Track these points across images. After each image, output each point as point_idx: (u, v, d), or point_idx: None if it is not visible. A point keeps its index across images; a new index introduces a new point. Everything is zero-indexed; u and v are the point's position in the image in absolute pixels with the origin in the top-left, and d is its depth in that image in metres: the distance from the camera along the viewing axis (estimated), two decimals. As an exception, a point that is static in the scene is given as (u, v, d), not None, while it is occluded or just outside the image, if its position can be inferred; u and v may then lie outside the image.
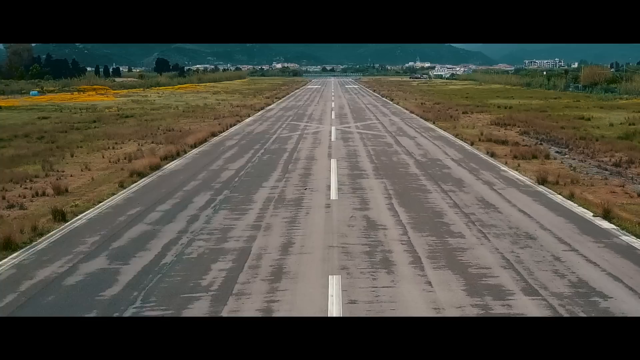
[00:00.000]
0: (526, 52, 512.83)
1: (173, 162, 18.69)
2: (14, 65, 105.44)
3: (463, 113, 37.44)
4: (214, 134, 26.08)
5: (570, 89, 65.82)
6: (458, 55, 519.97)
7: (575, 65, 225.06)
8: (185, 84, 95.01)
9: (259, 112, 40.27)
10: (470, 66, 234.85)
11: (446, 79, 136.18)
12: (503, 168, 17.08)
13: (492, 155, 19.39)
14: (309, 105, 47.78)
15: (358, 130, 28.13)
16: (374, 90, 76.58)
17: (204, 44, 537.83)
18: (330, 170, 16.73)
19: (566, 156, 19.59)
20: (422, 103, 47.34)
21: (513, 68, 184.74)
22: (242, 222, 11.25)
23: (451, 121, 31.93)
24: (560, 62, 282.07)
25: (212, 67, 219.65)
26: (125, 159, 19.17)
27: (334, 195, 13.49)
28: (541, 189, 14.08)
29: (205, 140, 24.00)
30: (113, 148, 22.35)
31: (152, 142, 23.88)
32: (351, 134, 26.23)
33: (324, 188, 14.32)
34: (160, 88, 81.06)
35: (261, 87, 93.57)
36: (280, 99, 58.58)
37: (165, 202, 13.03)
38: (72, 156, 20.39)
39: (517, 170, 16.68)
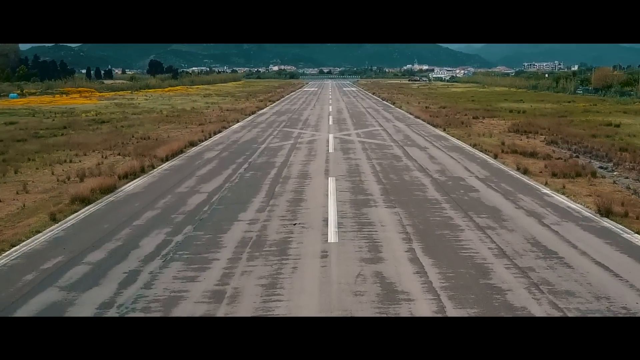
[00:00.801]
0: (524, 55, 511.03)
1: (134, 181, 15.14)
2: (0, 66, 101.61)
3: (474, 118, 34.00)
4: (192, 144, 22.52)
5: (579, 92, 62.55)
6: (456, 58, 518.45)
7: (575, 67, 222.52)
8: (176, 86, 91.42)
9: (249, 117, 36.73)
10: (469, 69, 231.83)
11: (446, 81, 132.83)
12: (545, 190, 13.59)
13: (525, 172, 15.91)
14: (304, 109, 44.26)
15: (359, 138, 24.63)
16: (374, 93, 73.08)
17: (201, 47, 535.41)
18: (327, 195, 13.20)
19: (614, 173, 16.12)
20: (426, 107, 43.89)
21: (514, 71, 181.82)
22: (198, 285, 7.70)
23: (463, 128, 28.46)
24: (559, 64, 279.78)
25: (207, 69, 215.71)
26: (77, 177, 15.64)
27: (332, 235, 9.97)
28: (608, 224, 10.58)
29: (180, 152, 20.45)
30: (71, 161, 18.82)
31: (119, 154, 20.33)
32: (352, 144, 22.72)
33: (319, 223, 10.79)
34: (149, 90, 77.44)
35: (255, 89, 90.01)
36: (274, 102, 55.05)
37: (101, 246, 9.48)
38: (15, 172, 16.85)
39: (563, 193, 13.20)
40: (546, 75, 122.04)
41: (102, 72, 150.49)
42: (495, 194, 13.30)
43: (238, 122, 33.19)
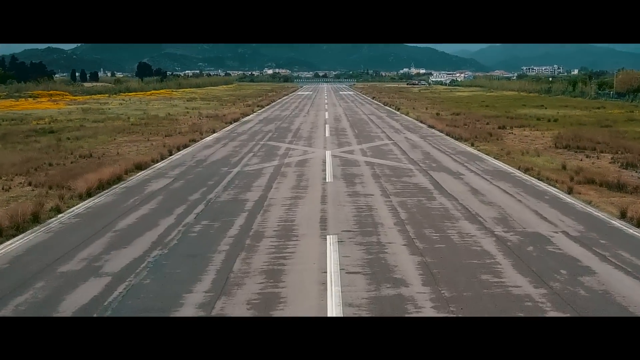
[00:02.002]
0: (519, 59, 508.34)
1: (6, 244, 9.13)
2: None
3: (499, 128, 28.17)
4: (140, 166, 16.52)
5: (599, 96, 57.00)
6: (451, 62, 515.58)
7: (576, 72, 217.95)
8: (162, 89, 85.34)
9: (230, 126, 30.71)
10: (467, 72, 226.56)
11: (447, 85, 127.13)
12: None
13: (640, 223, 10.03)
14: (296, 116, 38.27)
15: (366, 157, 18.71)
16: (373, 98, 67.19)
17: (195, 51, 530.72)
18: (325, 283, 7.24)
19: None
20: (437, 113, 38.04)
21: (514, 75, 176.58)
22: None
23: (494, 141, 22.64)
24: (559, 68, 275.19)
25: (197, 72, 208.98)
26: None
27: None
28: None
29: (116, 180, 14.43)
30: (-52, 197, 12.83)
31: (30, 184, 14.31)
32: (357, 167, 16.79)
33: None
34: (129, 94, 71.28)
35: (246, 93, 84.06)
36: (263, 107, 49.06)
37: None
38: None
39: None
40: (550, 79, 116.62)
41: (88, 74, 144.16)
42: (628, 280, 7.38)
43: (214, 132, 27.18)
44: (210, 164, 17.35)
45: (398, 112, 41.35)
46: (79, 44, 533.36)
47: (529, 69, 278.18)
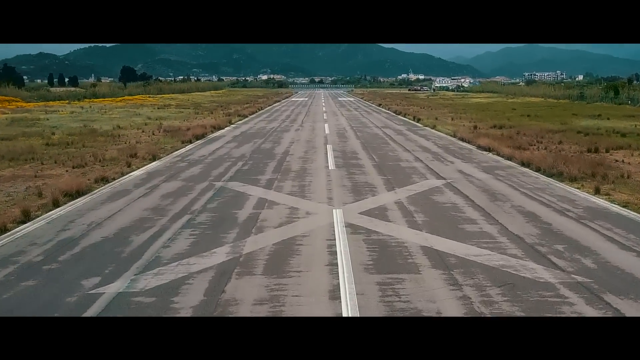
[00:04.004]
0: (517, 66, 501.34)
1: None
2: None
3: (589, 152, 18.63)
4: None
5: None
6: (448, 68, 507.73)
7: (580, 77, 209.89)
8: (138, 94, 75.56)
9: (186, 147, 20.89)
10: (469, 78, 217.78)
11: (455, 91, 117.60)
12: None
13: None
14: (285, 131, 28.51)
15: (418, 232, 9.00)
16: (379, 105, 57.44)
17: (189, 56, 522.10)
18: None
19: None
20: (475, 126, 28.41)
21: (519, 80, 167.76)
22: None
23: (623, 182, 13.07)
24: (561, 74, 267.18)
25: (185, 77, 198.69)
26: None
27: None
28: None
29: None
30: None
31: None
32: (413, 274, 7.08)
33: None
34: (95, 100, 61.39)
35: (233, 99, 74.31)
36: (246, 117, 39.24)
37: None
38: None
39: None
40: (561, 84, 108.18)
41: (67, 79, 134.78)
42: None
43: (154, 160, 17.44)
44: (69, 264, 7.59)
45: (420, 124, 31.69)
46: (72, 50, 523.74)
47: (531, 74, 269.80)
